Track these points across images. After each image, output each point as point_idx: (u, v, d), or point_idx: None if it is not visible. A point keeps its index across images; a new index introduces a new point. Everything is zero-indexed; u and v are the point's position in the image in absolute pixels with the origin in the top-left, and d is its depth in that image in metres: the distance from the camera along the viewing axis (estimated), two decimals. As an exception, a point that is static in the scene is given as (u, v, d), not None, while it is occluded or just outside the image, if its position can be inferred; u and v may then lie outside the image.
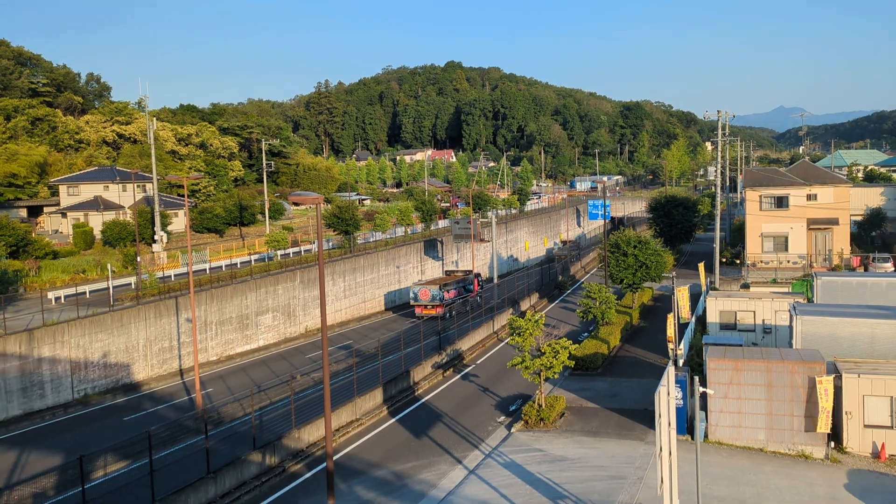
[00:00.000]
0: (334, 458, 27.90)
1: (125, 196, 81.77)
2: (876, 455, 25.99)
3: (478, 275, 65.48)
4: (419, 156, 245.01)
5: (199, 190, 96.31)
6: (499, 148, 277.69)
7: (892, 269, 56.80)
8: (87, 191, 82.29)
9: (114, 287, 49.09)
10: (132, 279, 52.75)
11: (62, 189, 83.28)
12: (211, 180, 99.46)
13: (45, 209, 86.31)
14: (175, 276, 57.25)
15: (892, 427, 25.95)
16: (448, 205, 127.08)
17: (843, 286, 40.81)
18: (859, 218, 72.13)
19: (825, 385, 25.44)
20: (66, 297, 48.08)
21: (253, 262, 63.35)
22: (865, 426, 26.30)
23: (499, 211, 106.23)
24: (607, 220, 72.90)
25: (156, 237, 63.56)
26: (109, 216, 76.87)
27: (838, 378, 26.65)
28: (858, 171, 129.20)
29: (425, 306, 57.09)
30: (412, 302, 58.78)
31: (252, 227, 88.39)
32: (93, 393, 39.59)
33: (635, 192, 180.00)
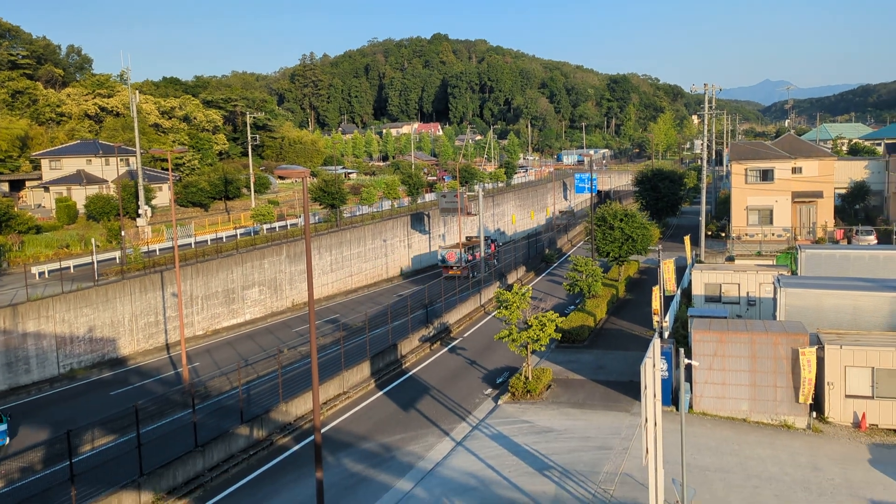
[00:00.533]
0: (322, 431, 28.07)
1: (108, 170, 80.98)
2: (857, 425, 26.37)
3: (495, 240, 72.21)
4: (405, 129, 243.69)
5: (184, 164, 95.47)
6: (485, 121, 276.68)
7: (875, 241, 57.27)
8: (70, 164, 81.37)
9: (98, 262, 48.77)
10: (116, 254, 52.43)
11: (44, 163, 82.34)
12: (195, 154, 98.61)
13: (28, 183, 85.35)
14: (160, 250, 56.94)
15: (872, 397, 26.30)
16: (435, 178, 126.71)
17: (826, 259, 41.13)
18: (843, 191, 72.55)
19: (808, 356, 25.71)
20: (49, 271, 47.75)
21: (238, 237, 63.09)
22: (847, 396, 26.63)
23: (486, 184, 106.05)
24: (594, 194, 72.98)
25: (140, 211, 63.14)
26: (93, 190, 76.19)
27: (821, 349, 26.93)
28: (843, 144, 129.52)
29: (451, 267, 61.69)
30: (440, 264, 63.55)
31: (237, 201, 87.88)
32: (79, 367, 39.48)
33: (622, 166, 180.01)
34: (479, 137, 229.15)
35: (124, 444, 27.40)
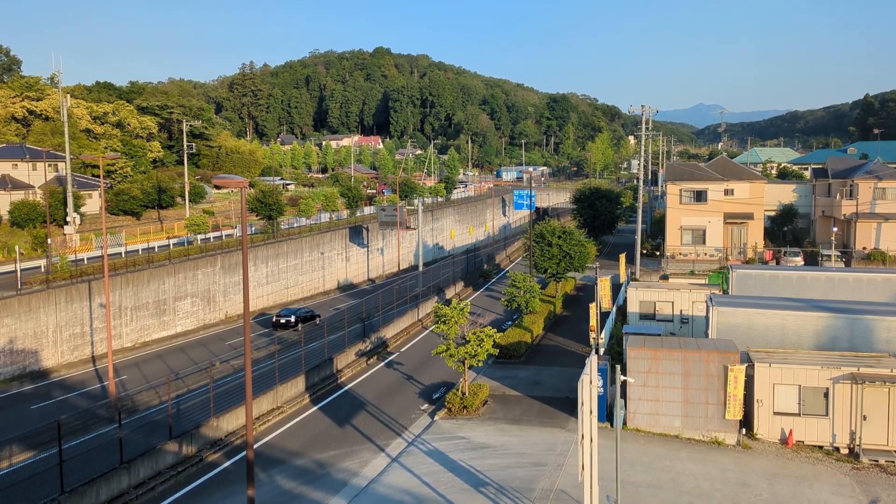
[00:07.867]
0: (255, 446, 27.39)
1: (35, 175, 78.26)
2: (784, 441, 26.99)
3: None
4: (346, 141, 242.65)
5: (116, 171, 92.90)
6: (426, 136, 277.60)
7: (802, 262, 59.11)
8: (-5, 168, 78.43)
9: (22, 270, 46.99)
10: (42, 262, 50.65)
11: (-33, 166, 79.15)
12: (128, 161, 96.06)
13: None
14: (88, 259, 55.19)
15: (799, 414, 26.98)
16: (374, 192, 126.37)
17: (756, 279, 42.21)
18: (773, 213, 74.81)
19: (735, 373, 26.25)
20: (-30, 279, 45.83)
21: (171, 247, 61.59)
22: (775, 413, 27.27)
23: (425, 199, 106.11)
24: (532, 210, 73.60)
25: (68, 219, 61.14)
26: (18, 196, 73.47)
27: (751, 367, 27.53)
28: (772, 168, 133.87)
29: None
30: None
31: (171, 211, 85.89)
32: (-2, 380, 37.84)
33: (560, 184, 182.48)
34: (419, 152, 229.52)
35: (45, 460, 26.25)
